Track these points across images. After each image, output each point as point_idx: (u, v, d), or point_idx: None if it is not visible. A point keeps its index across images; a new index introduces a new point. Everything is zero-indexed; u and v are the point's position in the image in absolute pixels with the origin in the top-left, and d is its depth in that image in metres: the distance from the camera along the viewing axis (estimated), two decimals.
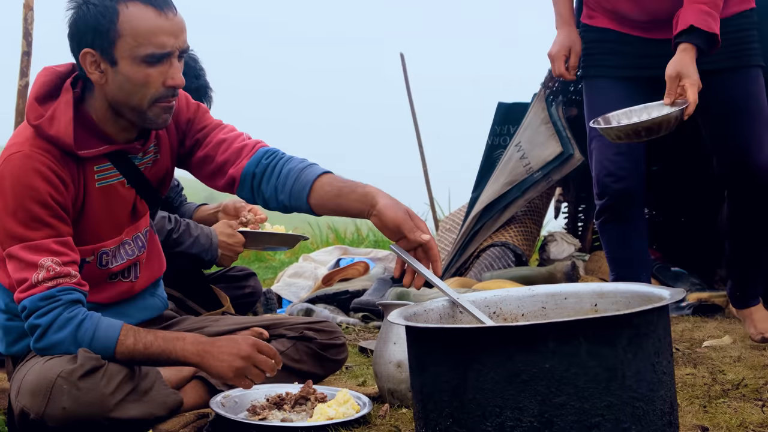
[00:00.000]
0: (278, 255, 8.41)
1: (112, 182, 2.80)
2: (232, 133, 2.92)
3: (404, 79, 7.80)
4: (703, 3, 3.19)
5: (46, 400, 2.57)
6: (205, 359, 2.72)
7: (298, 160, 2.81)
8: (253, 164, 2.81)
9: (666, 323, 2.20)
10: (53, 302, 2.63)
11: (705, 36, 3.18)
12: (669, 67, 3.15)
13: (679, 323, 4.42)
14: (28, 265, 2.63)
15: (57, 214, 2.66)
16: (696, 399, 2.90)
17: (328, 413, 2.74)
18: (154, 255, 3.06)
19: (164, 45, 2.63)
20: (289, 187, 2.75)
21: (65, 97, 2.69)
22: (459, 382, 2.03)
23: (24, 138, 2.70)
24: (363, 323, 4.68)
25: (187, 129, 2.93)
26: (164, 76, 2.66)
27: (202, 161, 2.91)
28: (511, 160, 5.68)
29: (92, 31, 2.63)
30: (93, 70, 2.67)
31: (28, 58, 5.82)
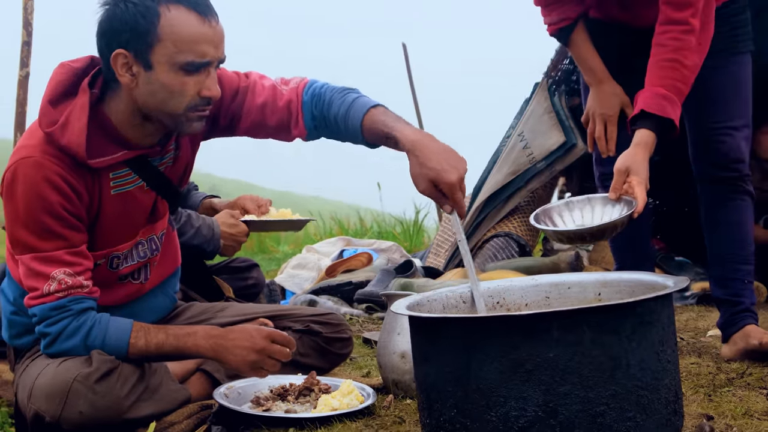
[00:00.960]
0: (281, 247, 8.41)
1: (129, 188, 2.72)
2: (264, 89, 2.82)
3: (406, 70, 7.78)
4: (660, 86, 3.04)
5: (62, 404, 2.56)
6: (220, 353, 2.71)
7: (337, 102, 2.75)
8: (309, 120, 2.79)
9: (670, 312, 2.19)
10: (63, 312, 2.61)
11: (659, 121, 3.01)
12: (618, 161, 2.97)
13: (684, 313, 4.41)
14: (40, 275, 2.59)
15: (70, 224, 2.60)
16: (701, 388, 2.89)
17: (332, 404, 2.73)
18: (169, 254, 3.01)
19: (205, 54, 2.52)
20: (345, 133, 2.75)
21: (81, 100, 2.57)
22: (463, 372, 2.02)
23: (36, 141, 2.59)
24: (366, 314, 4.68)
25: (216, 109, 2.80)
26: (200, 86, 2.55)
27: (253, 129, 2.84)
28: (514, 150, 5.67)
29: (129, 32, 2.49)
30: (124, 73, 2.54)
31: (28, 48, 5.81)
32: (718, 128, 3.25)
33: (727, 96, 3.27)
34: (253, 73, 2.87)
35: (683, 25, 3.05)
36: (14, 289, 2.77)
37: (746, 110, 3.31)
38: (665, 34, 3.07)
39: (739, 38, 3.29)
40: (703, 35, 3.09)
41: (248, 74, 2.86)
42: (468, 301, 2.50)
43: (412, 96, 7.85)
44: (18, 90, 5.93)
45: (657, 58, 3.08)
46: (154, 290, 2.98)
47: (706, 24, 3.10)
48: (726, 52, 3.25)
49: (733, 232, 3.33)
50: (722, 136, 3.25)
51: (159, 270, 2.97)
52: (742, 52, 3.31)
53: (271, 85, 2.83)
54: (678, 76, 3.04)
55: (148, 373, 2.72)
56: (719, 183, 3.30)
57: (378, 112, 2.68)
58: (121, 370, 2.63)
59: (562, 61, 5.71)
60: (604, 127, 3.36)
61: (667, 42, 3.06)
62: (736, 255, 3.31)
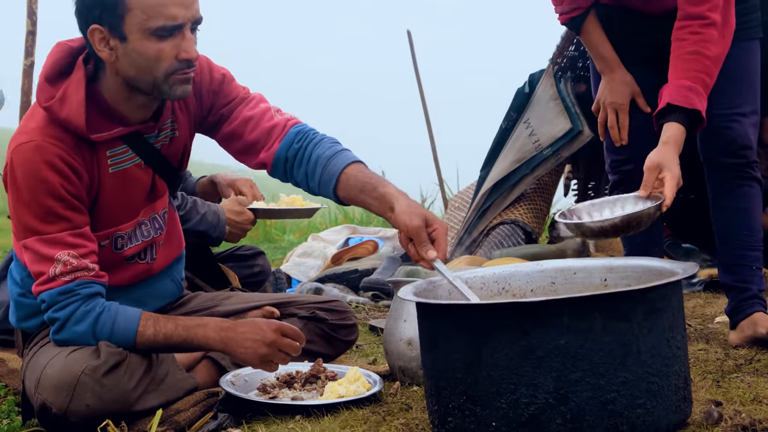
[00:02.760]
0: (287, 236, 8.40)
1: (126, 166, 2.72)
2: (259, 107, 2.83)
3: (411, 57, 7.76)
4: (685, 78, 3.00)
5: (69, 397, 2.55)
6: (230, 346, 2.69)
7: (327, 144, 2.74)
8: (284, 149, 2.75)
9: (680, 298, 2.18)
10: (71, 296, 2.60)
11: (687, 113, 2.97)
12: (649, 158, 2.90)
13: (691, 299, 4.40)
14: (45, 259, 2.59)
15: (72, 206, 2.61)
16: (709, 374, 2.88)
17: (339, 391, 2.72)
18: (173, 235, 3.01)
19: (175, 16, 2.51)
20: (318, 176, 2.70)
21: (77, 75, 2.60)
22: (473, 358, 2.02)
23: (36, 124, 2.61)
24: (373, 302, 4.67)
25: (212, 102, 2.84)
26: (177, 49, 2.54)
27: (229, 137, 2.84)
28: (520, 137, 5.66)
29: (99, 7, 2.52)
30: (102, 48, 2.56)
31: (32, 37, 5.81)
32: (725, 114, 3.23)
33: (735, 82, 3.25)
34: (258, 93, 2.89)
35: (702, 20, 3.02)
36: (21, 270, 2.77)
37: (754, 97, 3.29)
38: (684, 29, 3.05)
39: (747, 24, 3.27)
40: (725, 28, 3.06)
41: (254, 93, 2.88)
42: (475, 287, 2.49)
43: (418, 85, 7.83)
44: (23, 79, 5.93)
45: (678, 52, 3.06)
46: (161, 274, 2.97)
47: (727, 17, 3.07)
48: (735, 38, 3.22)
49: (741, 218, 3.31)
50: (730, 123, 3.23)
51: (165, 251, 2.96)
52: (751, 39, 3.29)
53: (266, 108, 2.84)
54: (701, 68, 3.02)
55: (155, 363, 2.71)
56: (727, 169, 3.28)
57: (365, 167, 2.68)
58: (128, 363, 2.62)
59: (567, 47, 5.68)
60: (616, 115, 3.34)
61: (687, 36, 3.04)
62: (744, 241, 3.30)
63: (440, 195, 8.03)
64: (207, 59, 2.85)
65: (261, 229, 8.58)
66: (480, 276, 2.51)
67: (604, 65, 3.39)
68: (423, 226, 2.43)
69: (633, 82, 3.34)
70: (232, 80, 2.86)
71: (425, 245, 2.41)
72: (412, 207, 2.48)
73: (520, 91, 5.86)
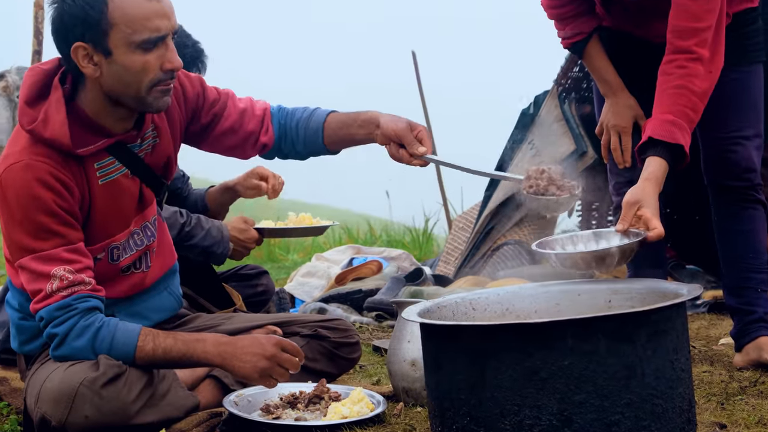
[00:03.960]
0: (291, 256, 8.40)
1: (114, 176, 2.75)
2: (243, 100, 2.98)
3: (416, 78, 7.77)
4: (669, 112, 2.96)
5: (68, 408, 2.55)
6: (228, 361, 2.69)
7: (300, 110, 2.97)
8: (276, 129, 2.95)
9: (684, 320, 2.18)
10: (69, 311, 2.60)
11: (669, 148, 2.91)
12: (628, 194, 2.81)
13: (695, 321, 4.39)
14: (41, 276, 2.59)
15: (65, 221, 2.62)
16: (713, 396, 2.87)
17: (343, 412, 2.72)
18: (164, 243, 3.02)
19: (159, 28, 2.57)
20: (302, 138, 2.94)
21: (55, 96, 2.62)
22: (477, 379, 2.01)
23: (21, 146, 2.63)
24: (376, 322, 4.66)
25: (198, 105, 2.91)
26: (161, 59, 2.60)
27: (225, 133, 2.94)
28: (524, 158, 5.66)
29: (81, 24, 2.55)
30: (86, 64, 2.59)
31: (39, 57, 5.83)
32: (729, 138, 3.23)
33: (739, 105, 3.25)
34: (227, 89, 3.00)
35: (689, 54, 3.00)
36: (18, 296, 2.78)
37: (758, 120, 3.28)
38: (671, 63, 3.03)
39: (750, 48, 3.27)
40: (713, 64, 3.03)
41: (225, 89, 3.00)
42: (479, 308, 2.49)
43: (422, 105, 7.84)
44: None
45: (664, 86, 3.02)
46: (157, 286, 2.97)
47: (715, 52, 3.04)
48: (737, 62, 3.22)
49: (746, 240, 3.31)
50: (733, 146, 3.23)
51: (159, 260, 2.96)
52: (755, 62, 3.29)
53: (247, 98, 2.99)
54: (686, 103, 2.98)
55: (156, 379, 2.71)
56: (730, 192, 3.28)
57: (339, 113, 2.93)
58: (128, 376, 2.62)
59: (572, 68, 5.69)
60: (619, 138, 3.34)
61: (674, 70, 3.02)
62: (750, 264, 3.29)
63: (444, 215, 8.02)
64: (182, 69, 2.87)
65: (265, 248, 8.57)
66: (484, 297, 2.51)
67: (608, 88, 3.39)
68: (408, 128, 2.76)
69: (636, 106, 3.34)
70: (205, 82, 2.96)
71: (414, 144, 2.74)
72: (395, 116, 2.80)
73: (525, 112, 5.87)
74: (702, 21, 3.00)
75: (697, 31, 3.00)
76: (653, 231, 2.69)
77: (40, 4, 5.84)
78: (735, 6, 3.20)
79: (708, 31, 3.01)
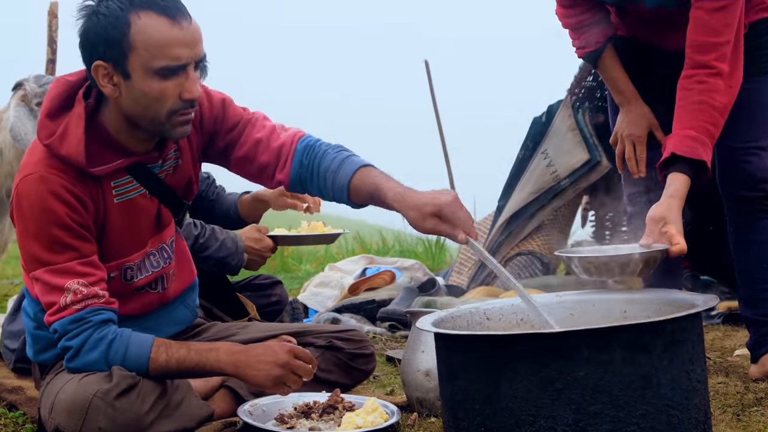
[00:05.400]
0: (304, 266, 8.40)
1: (131, 196, 2.72)
2: (265, 128, 2.83)
3: (429, 87, 7.78)
4: (690, 128, 2.96)
5: (82, 420, 2.55)
6: (242, 369, 2.69)
7: (331, 155, 2.77)
8: (296, 167, 2.78)
9: (700, 330, 2.17)
10: (83, 324, 2.60)
11: (691, 164, 2.92)
12: (653, 210, 2.84)
13: (709, 332, 4.37)
14: (55, 289, 2.59)
15: (79, 235, 2.61)
16: (729, 408, 2.86)
17: (357, 422, 2.71)
18: (183, 263, 3.00)
19: (179, 57, 2.51)
20: (330, 188, 2.76)
21: (77, 110, 2.60)
22: (492, 390, 2.01)
23: (38, 158, 2.61)
24: (390, 332, 4.66)
25: (215, 130, 2.83)
26: (180, 88, 2.54)
27: (241, 161, 2.84)
28: (538, 168, 5.66)
29: (103, 43, 2.51)
30: (106, 83, 2.56)
31: (53, 66, 5.85)
32: (744, 148, 3.22)
33: (753, 116, 3.23)
34: (259, 111, 2.90)
35: (709, 69, 3.00)
36: (34, 305, 2.78)
37: None
38: (691, 78, 3.02)
39: (764, 58, 3.25)
40: (732, 78, 3.03)
41: (254, 112, 2.89)
42: (493, 318, 2.49)
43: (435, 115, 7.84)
44: None
45: (684, 102, 3.02)
46: (174, 301, 2.96)
47: (735, 67, 3.04)
48: (752, 73, 3.21)
49: (761, 251, 3.29)
50: (748, 156, 3.22)
51: (177, 281, 2.95)
52: None
53: (272, 126, 2.85)
54: (707, 118, 2.98)
55: (170, 389, 2.70)
56: (746, 203, 3.27)
57: (370, 170, 2.71)
58: (141, 387, 2.62)
59: (585, 78, 5.69)
60: (633, 148, 3.34)
61: (693, 86, 3.01)
62: (765, 275, 3.28)
63: None
64: (203, 86, 2.81)
65: (278, 258, 8.57)
66: (498, 307, 2.51)
67: (622, 98, 3.38)
68: (435, 222, 2.53)
69: (651, 115, 3.33)
70: (231, 103, 2.86)
71: (450, 233, 2.53)
72: (416, 211, 2.55)
73: (537, 120, 5.86)
74: (721, 36, 3.00)
75: (716, 46, 3.00)
76: (676, 246, 2.70)
77: (54, 12, 5.86)
78: (751, 16, 3.20)
79: (727, 45, 3.00)
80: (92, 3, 2.55)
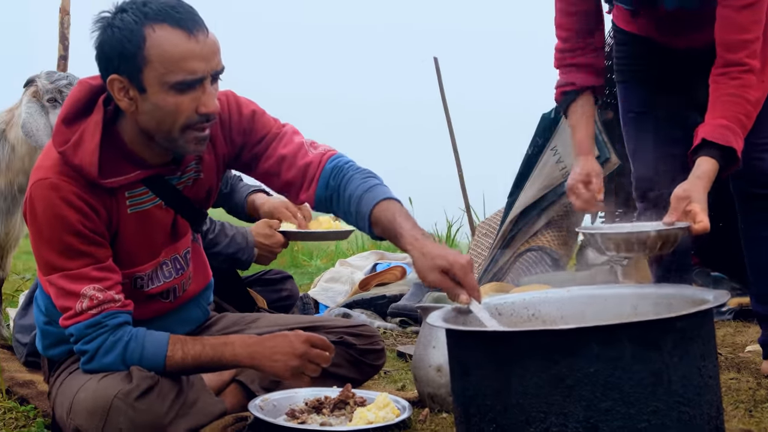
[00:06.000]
0: (314, 261, 8.40)
1: (146, 207, 2.69)
2: (292, 143, 2.77)
3: (438, 84, 7.76)
4: (723, 118, 2.96)
5: (103, 421, 2.55)
6: (259, 361, 2.69)
7: (358, 180, 2.69)
8: (322, 188, 2.71)
9: (711, 326, 2.17)
10: (99, 328, 2.60)
11: (721, 150, 2.92)
12: (679, 188, 2.84)
13: (721, 328, 4.37)
14: (70, 294, 2.59)
15: (92, 241, 2.59)
16: (741, 404, 2.86)
17: (368, 417, 2.72)
18: (199, 270, 2.96)
19: (195, 71, 2.46)
20: (353, 215, 2.66)
21: (95, 118, 2.55)
22: (503, 386, 2.01)
23: (52, 162, 2.58)
24: (400, 328, 4.66)
25: (243, 142, 2.78)
26: (196, 102, 2.50)
27: (265, 175, 2.79)
28: (547, 164, 5.64)
29: (118, 57, 2.47)
30: (122, 97, 2.51)
31: (65, 63, 5.85)
32: (756, 145, 3.21)
33: (766, 113, 3.23)
34: (289, 124, 2.84)
35: (741, 66, 2.99)
36: (45, 299, 2.77)
37: None
38: (723, 75, 3.02)
39: None
40: (764, 74, 3.04)
41: (285, 124, 2.83)
42: (505, 314, 2.49)
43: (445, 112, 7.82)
44: None
45: (717, 93, 3.02)
46: (187, 303, 2.96)
47: (765, 62, 3.04)
48: None
49: None
50: (762, 153, 3.21)
51: (192, 287, 2.94)
52: None
53: (300, 143, 2.78)
54: (740, 110, 2.98)
55: (186, 387, 2.71)
56: (757, 200, 3.26)
57: (392, 205, 2.61)
58: (160, 387, 2.63)
59: None
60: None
61: (727, 81, 3.01)
62: None
63: (467, 221, 8.01)
64: (234, 95, 2.80)
65: (288, 254, 8.58)
66: (510, 302, 2.51)
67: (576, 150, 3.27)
68: (442, 277, 2.37)
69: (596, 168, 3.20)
70: (263, 114, 2.81)
71: (453, 291, 2.35)
72: (427, 259, 2.40)
73: (546, 117, 5.84)
74: (750, 32, 2.99)
75: (746, 43, 2.99)
76: (699, 224, 2.71)
77: (66, 9, 5.86)
78: None
79: (757, 42, 3.00)
80: (108, 15, 2.51)
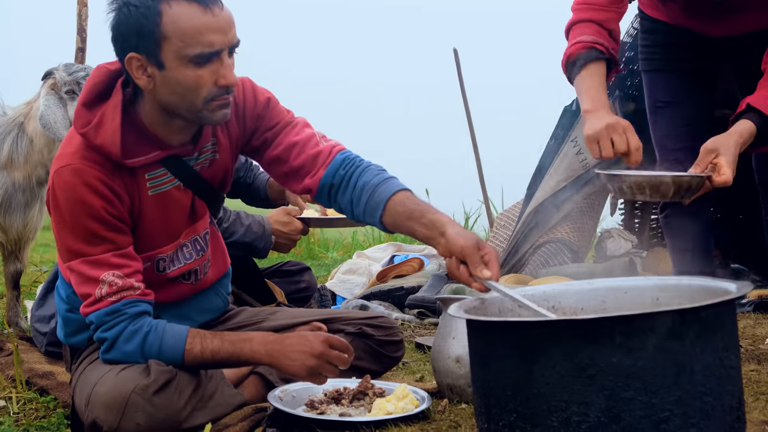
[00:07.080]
0: (331, 253, 8.41)
1: (166, 188, 2.73)
2: (304, 133, 2.80)
3: (458, 76, 7.74)
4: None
5: (120, 415, 2.57)
6: (277, 359, 2.70)
7: (374, 171, 2.73)
8: (330, 175, 2.74)
9: (733, 317, 2.15)
10: (119, 316, 2.62)
11: (763, 118, 2.93)
12: (709, 141, 2.85)
13: (740, 320, 4.34)
14: (90, 280, 2.61)
15: (115, 227, 2.62)
16: (761, 395, 2.84)
17: (387, 408, 2.72)
18: (218, 254, 2.99)
19: (213, 43, 2.51)
20: (363, 203, 2.69)
21: (114, 100, 2.60)
22: (524, 376, 2.00)
23: (74, 148, 2.62)
24: (418, 320, 4.66)
25: (256, 126, 2.82)
26: (216, 75, 2.54)
27: (273, 162, 2.82)
28: (567, 156, 5.63)
29: (135, 35, 2.51)
30: (140, 75, 2.56)
31: (82, 54, 5.87)
32: None
33: None
34: (302, 117, 2.87)
35: None
36: (66, 287, 2.80)
37: None
38: None
39: None
40: None
41: (297, 117, 2.86)
42: (524, 305, 2.48)
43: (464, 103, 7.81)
44: None
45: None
46: (207, 290, 2.98)
47: None
48: None
49: None
50: None
51: (211, 272, 2.96)
52: None
53: (311, 133, 2.81)
54: None
55: (204, 380, 2.72)
56: None
57: (412, 194, 2.66)
58: (178, 381, 2.63)
59: None
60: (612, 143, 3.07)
61: None
62: None
63: (485, 212, 7.99)
64: (251, 82, 2.84)
65: (305, 245, 8.59)
66: (530, 294, 2.50)
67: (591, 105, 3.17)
68: (476, 247, 2.42)
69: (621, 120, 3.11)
70: (276, 104, 2.85)
71: (478, 266, 2.40)
72: (465, 231, 2.47)
73: (568, 109, 5.83)
74: None
75: None
76: (721, 176, 2.70)
77: (84, 1, 5.87)
78: None
79: None
80: None
